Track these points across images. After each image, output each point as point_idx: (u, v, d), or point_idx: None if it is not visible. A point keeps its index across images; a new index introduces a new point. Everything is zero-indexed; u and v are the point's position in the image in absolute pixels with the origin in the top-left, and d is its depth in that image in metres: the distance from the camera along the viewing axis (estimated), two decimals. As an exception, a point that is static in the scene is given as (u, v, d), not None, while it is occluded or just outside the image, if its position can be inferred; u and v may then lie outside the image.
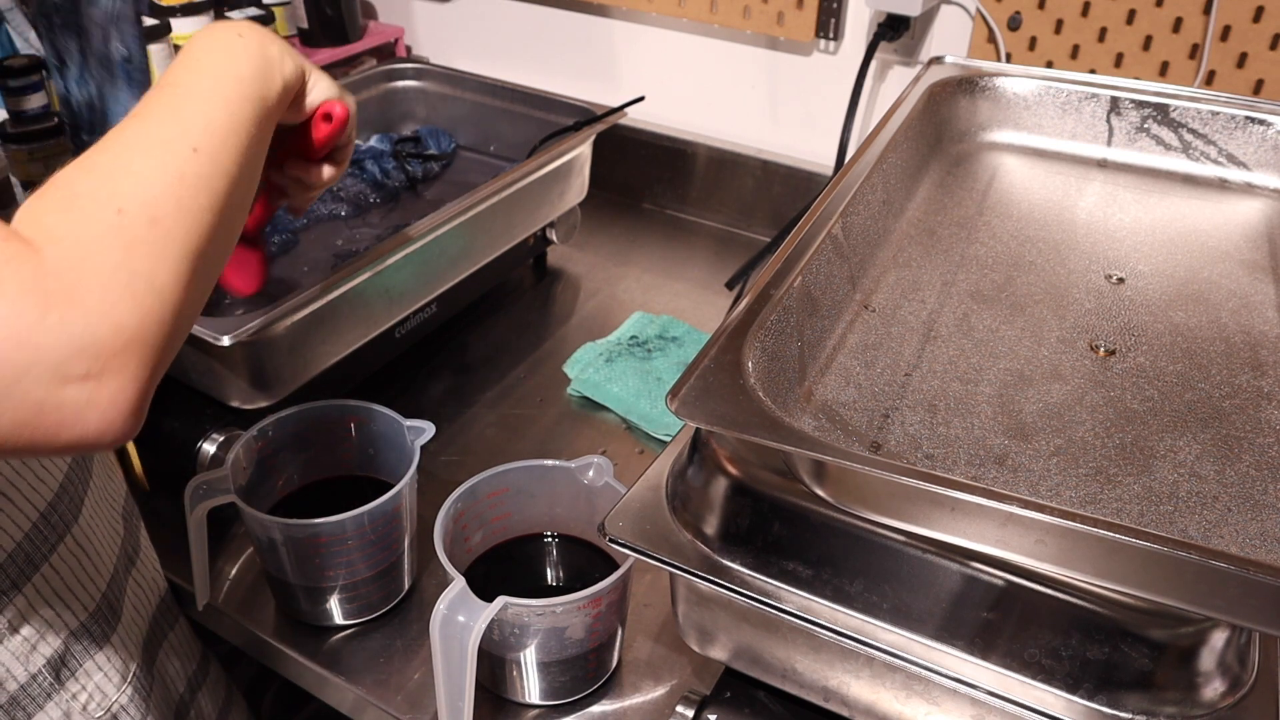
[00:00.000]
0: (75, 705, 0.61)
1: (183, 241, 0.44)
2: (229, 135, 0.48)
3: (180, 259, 0.44)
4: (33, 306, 0.38)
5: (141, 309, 0.41)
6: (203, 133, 0.47)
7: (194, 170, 0.46)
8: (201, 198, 0.45)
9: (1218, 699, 0.47)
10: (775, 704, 0.62)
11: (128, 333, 0.41)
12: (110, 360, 0.40)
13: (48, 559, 0.59)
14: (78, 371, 0.39)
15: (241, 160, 0.49)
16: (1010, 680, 0.48)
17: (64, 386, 0.39)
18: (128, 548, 0.68)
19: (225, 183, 0.47)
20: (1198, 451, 0.54)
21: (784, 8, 1.13)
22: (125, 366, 0.41)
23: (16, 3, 1.16)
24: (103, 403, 0.40)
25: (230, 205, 0.48)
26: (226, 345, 0.72)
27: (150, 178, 0.44)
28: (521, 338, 1.05)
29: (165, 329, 0.43)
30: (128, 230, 0.42)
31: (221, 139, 0.48)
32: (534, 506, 0.71)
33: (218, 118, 0.48)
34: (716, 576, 0.53)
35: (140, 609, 0.69)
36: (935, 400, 0.58)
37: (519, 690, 0.66)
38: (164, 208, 0.44)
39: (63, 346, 0.39)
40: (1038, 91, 0.84)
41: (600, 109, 1.06)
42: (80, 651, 0.62)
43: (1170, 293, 0.68)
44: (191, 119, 0.47)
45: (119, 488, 0.70)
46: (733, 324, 0.55)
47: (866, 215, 0.70)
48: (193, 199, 0.45)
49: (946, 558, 0.48)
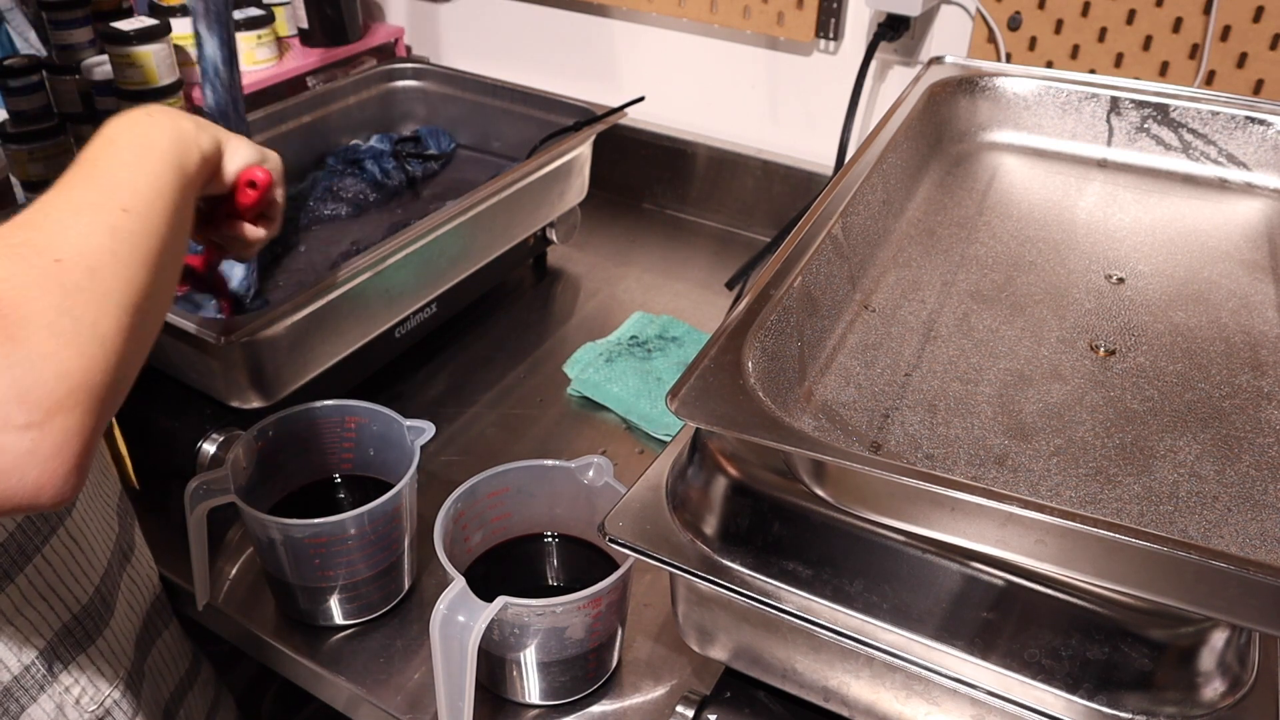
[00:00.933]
0: (68, 699, 0.61)
1: (122, 292, 0.44)
2: (154, 198, 0.49)
3: (120, 309, 0.44)
4: None
5: (85, 356, 0.41)
6: (130, 195, 0.48)
7: (125, 226, 0.46)
8: (136, 253, 0.46)
9: (1218, 699, 0.47)
10: (775, 704, 0.62)
11: (73, 379, 0.40)
12: (53, 408, 0.39)
13: (40, 550, 0.59)
14: (19, 419, 0.38)
15: (169, 222, 0.50)
16: (1010, 680, 0.48)
17: (4, 433, 0.38)
18: (122, 545, 0.68)
19: (156, 241, 0.48)
20: (1198, 451, 0.54)
21: (784, 8, 1.13)
22: (69, 416, 0.40)
23: (16, 3, 1.16)
24: (45, 453, 0.39)
25: (162, 263, 0.48)
26: (226, 345, 0.73)
27: (84, 232, 0.45)
28: (521, 338, 1.05)
29: (109, 379, 0.42)
30: (67, 277, 0.42)
31: (148, 200, 0.49)
32: (534, 506, 0.71)
33: (141, 182, 0.49)
34: (716, 576, 0.53)
35: (134, 607, 0.69)
36: (935, 400, 0.58)
37: (519, 690, 0.66)
38: (101, 259, 0.44)
39: (4, 389, 0.38)
40: (1038, 91, 0.84)
41: (600, 109, 1.06)
42: (73, 645, 0.62)
43: (1170, 293, 0.68)
44: (117, 184, 0.48)
45: (114, 486, 0.70)
46: (733, 324, 0.55)
47: (866, 215, 0.70)
48: (128, 253, 0.46)
49: (946, 558, 0.48)
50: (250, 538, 0.70)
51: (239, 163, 0.61)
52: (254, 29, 1.26)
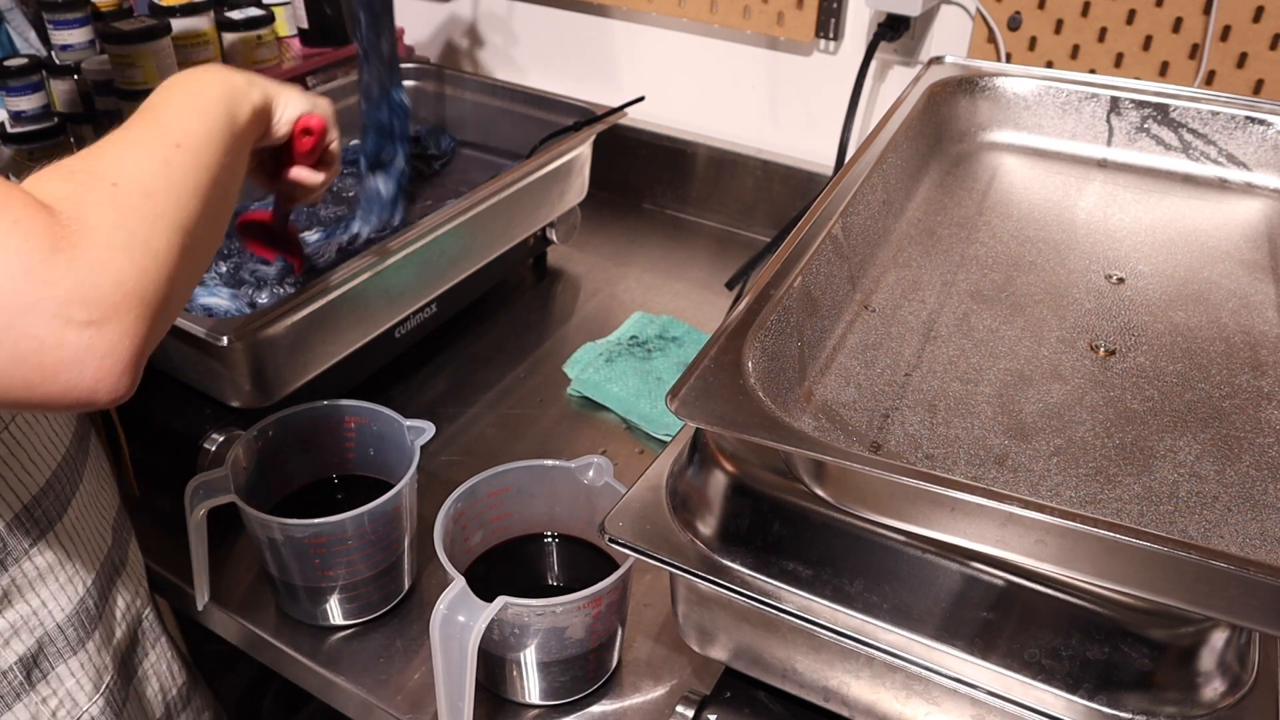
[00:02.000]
0: (45, 710, 0.61)
1: (174, 216, 0.48)
2: (206, 137, 0.53)
3: (171, 229, 0.47)
4: (43, 247, 0.41)
5: (138, 267, 0.44)
6: (182, 134, 0.52)
7: (178, 160, 0.50)
8: (188, 182, 0.50)
9: (1218, 699, 0.47)
10: (775, 704, 0.62)
11: (127, 286, 0.44)
12: (110, 310, 0.43)
13: (27, 554, 0.59)
14: (79, 316, 0.42)
15: (219, 161, 0.53)
16: (1010, 680, 0.48)
17: (65, 328, 0.42)
18: (114, 559, 0.68)
19: (206, 175, 0.52)
20: (1198, 451, 0.54)
21: (784, 8, 1.13)
22: (124, 318, 0.43)
23: (16, 3, 1.16)
24: (101, 349, 0.43)
25: (212, 197, 0.52)
26: (226, 345, 0.73)
27: (139, 162, 0.49)
28: (521, 338, 1.05)
29: (161, 291, 0.46)
30: (123, 199, 0.46)
31: (200, 139, 0.53)
32: (534, 506, 0.71)
33: (194, 124, 0.53)
34: (716, 576, 0.53)
35: (121, 623, 0.69)
36: (935, 400, 0.58)
37: (519, 690, 0.66)
38: (154, 185, 0.48)
39: (67, 288, 0.42)
40: (1038, 91, 0.84)
41: (600, 109, 1.06)
42: (54, 654, 0.62)
43: (1170, 293, 0.68)
44: (171, 124, 0.53)
45: (111, 499, 0.70)
46: (733, 324, 0.55)
47: (866, 215, 0.70)
48: (180, 181, 0.50)
49: (946, 558, 0.48)
50: (250, 538, 0.70)
51: (292, 113, 0.66)
52: (254, 29, 1.26)
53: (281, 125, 0.66)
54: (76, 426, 0.65)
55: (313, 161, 0.70)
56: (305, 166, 0.70)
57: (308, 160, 0.70)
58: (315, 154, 0.69)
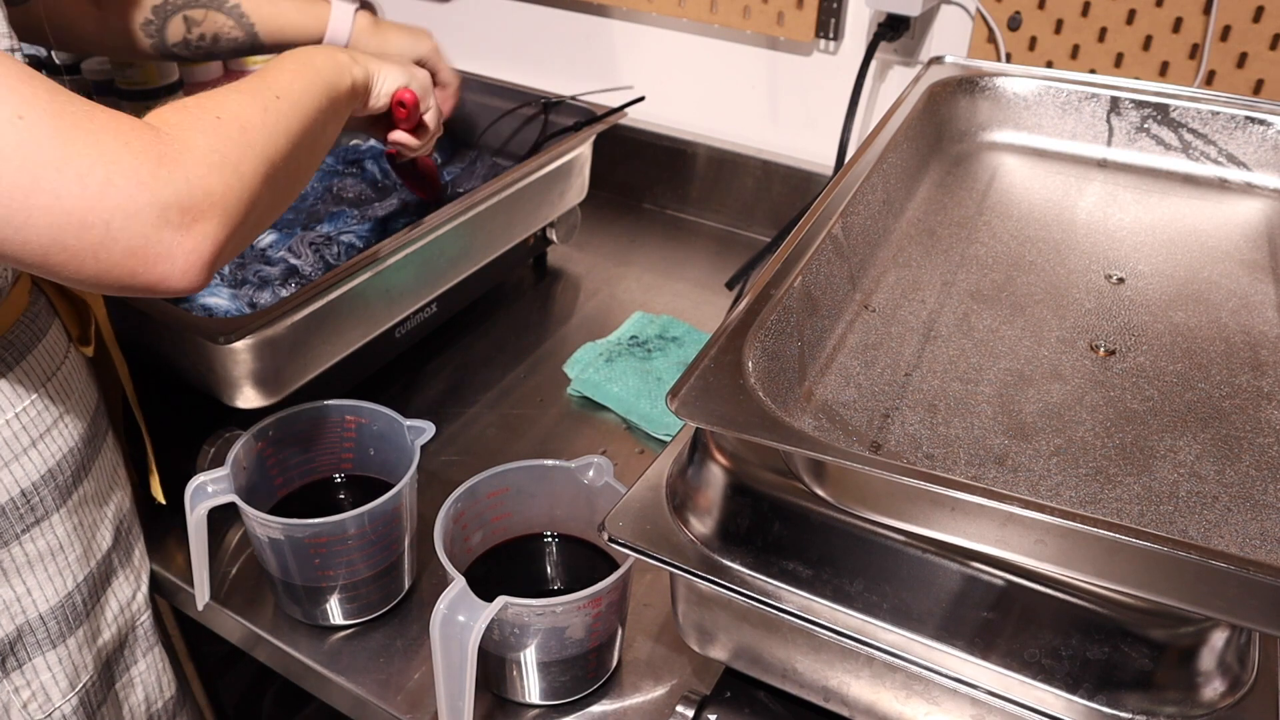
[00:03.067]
0: (16, 700, 0.61)
1: (264, 148, 0.56)
2: (304, 95, 0.62)
3: (260, 160, 0.55)
4: (151, 162, 0.49)
5: (225, 184, 0.52)
6: (283, 89, 0.60)
7: (276, 108, 0.59)
8: (281, 125, 0.58)
9: (1218, 699, 0.47)
10: (775, 704, 0.62)
11: (214, 197, 0.51)
12: (198, 215, 0.50)
13: (18, 539, 0.59)
14: (174, 219, 0.49)
15: (314, 116, 0.62)
16: (1010, 680, 0.48)
17: (163, 229, 0.49)
18: (112, 560, 0.68)
19: (300, 124, 0.60)
20: (1198, 451, 0.54)
21: (784, 8, 1.13)
22: (208, 224, 0.51)
23: (17, 3, 1.16)
24: (188, 246, 0.50)
25: (303, 143, 0.60)
26: (226, 345, 0.73)
27: (242, 103, 0.57)
28: (521, 338, 1.05)
29: (242, 207, 0.53)
30: (222, 130, 0.54)
31: (298, 95, 0.61)
32: (534, 506, 0.71)
33: (296, 84, 0.62)
34: (716, 576, 0.53)
35: (112, 625, 0.68)
36: (935, 400, 0.58)
37: (519, 690, 0.66)
38: (252, 121, 0.56)
39: (168, 195, 0.49)
40: (1038, 91, 0.84)
41: (600, 109, 1.06)
42: (32, 645, 0.62)
43: (1170, 293, 0.68)
44: (275, 81, 0.61)
45: (121, 503, 0.70)
46: (733, 324, 0.55)
47: (866, 215, 0.70)
48: (275, 124, 0.58)
49: (946, 558, 0.48)
50: (250, 538, 0.70)
51: (390, 87, 0.76)
52: (254, 29, 1.25)
53: (380, 98, 0.75)
54: (89, 425, 0.65)
55: (410, 127, 0.82)
56: (404, 131, 0.82)
57: (405, 125, 0.81)
58: (411, 121, 0.81)
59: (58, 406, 0.61)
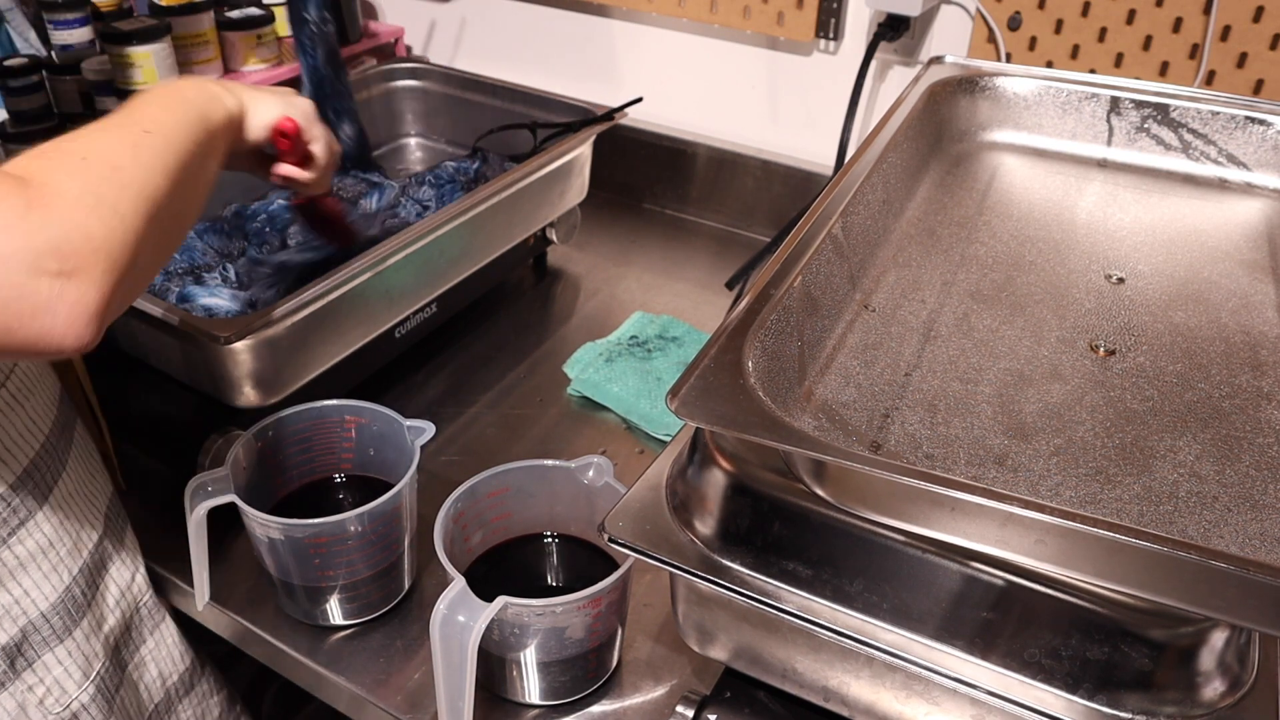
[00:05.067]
0: (32, 698, 0.61)
1: (140, 186, 0.51)
2: (176, 128, 0.57)
3: (139, 198, 0.51)
4: (17, 208, 0.45)
5: (106, 226, 0.48)
6: (152, 123, 0.55)
7: (148, 143, 0.54)
8: (156, 161, 0.53)
9: (1218, 699, 0.47)
10: (775, 704, 0.62)
11: (95, 242, 0.47)
12: (79, 262, 0.47)
13: (5, 542, 0.59)
14: (52, 267, 0.46)
15: (188, 150, 0.57)
16: (1010, 680, 0.48)
17: (39, 277, 0.45)
18: (104, 547, 0.68)
19: (174, 159, 0.55)
20: (1198, 451, 0.54)
21: (784, 8, 1.13)
22: (92, 271, 0.47)
23: (16, 3, 1.16)
24: (71, 297, 0.46)
25: (182, 180, 0.55)
26: (226, 345, 0.73)
27: (109, 142, 0.53)
28: (521, 338, 1.05)
29: (128, 251, 0.49)
30: (92, 170, 0.50)
31: (170, 128, 0.56)
32: (534, 506, 0.71)
33: (165, 117, 0.57)
34: (716, 576, 0.53)
35: (114, 611, 0.69)
36: (935, 400, 0.58)
37: (519, 690, 0.66)
38: (122, 160, 0.52)
39: (40, 242, 0.45)
40: (1038, 91, 0.84)
41: (600, 109, 1.06)
42: (39, 642, 0.62)
43: (1170, 293, 0.68)
44: (143, 116, 0.56)
45: (103, 488, 0.70)
46: (733, 324, 0.55)
47: (866, 215, 0.70)
48: (149, 160, 0.53)
49: (946, 558, 0.48)
50: (250, 538, 0.70)
51: (265, 118, 0.69)
52: (254, 29, 1.26)
53: (256, 129, 0.69)
54: (57, 415, 0.65)
55: (296, 160, 0.74)
56: (290, 164, 0.75)
57: (291, 159, 0.74)
58: (297, 153, 0.74)
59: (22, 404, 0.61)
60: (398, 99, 1.21)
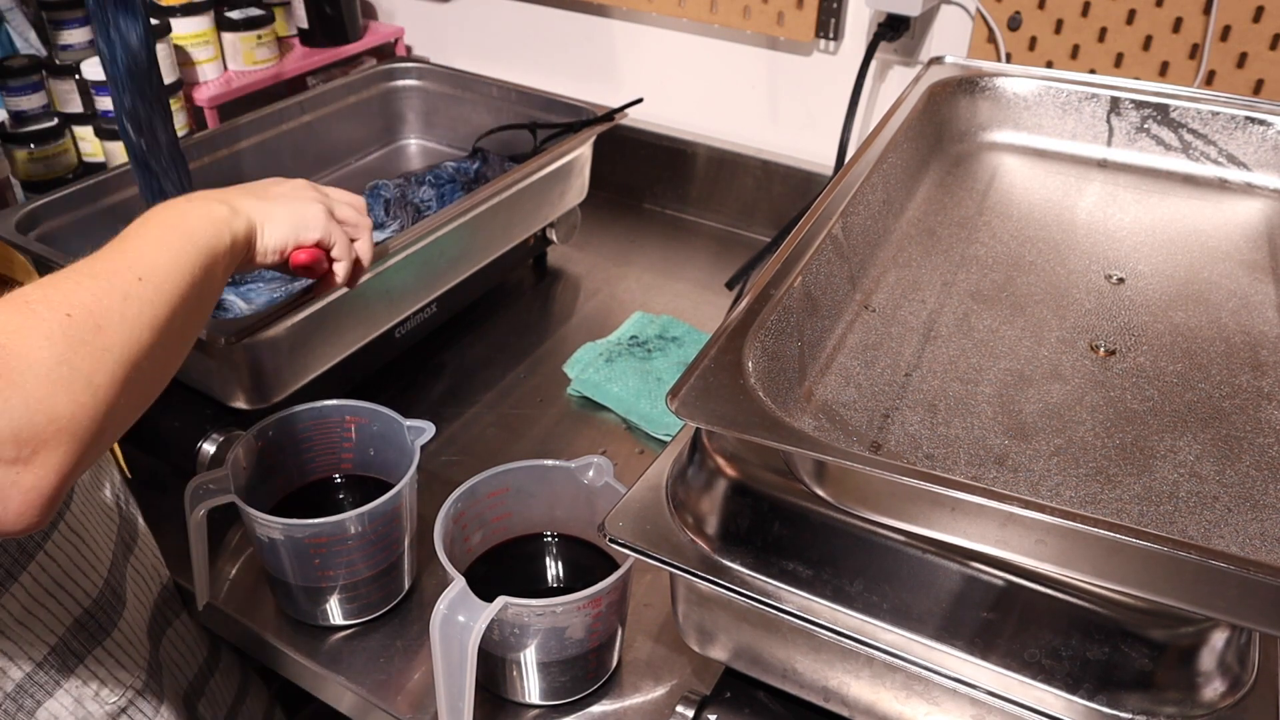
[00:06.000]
0: (87, 692, 0.62)
1: (122, 350, 0.48)
2: (172, 271, 0.52)
3: (118, 365, 0.47)
4: None
5: (76, 402, 0.44)
6: (147, 268, 0.51)
7: (138, 293, 0.50)
8: (144, 316, 0.49)
9: (1218, 699, 0.47)
10: (775, 704, 0.62)
11: (60, 422, 0.44)
12: (39, 445, 0.43)
13: (41, 547, 0.59)
14: (7, 454, 0.42)
15: (184, 295, 0.53)
16: (1010, 680, 0.48)
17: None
18: (124, 535, 0.68)
19: (166, 310, 0.51)
20: (1198, 451, 0.54)
21: (784, 8, 1.13)
22: (52, 454, 0.43)
23: (16, 3, 1.16)
24: (26, 484, 0.43)
25: (170, 330, 0.51)
26: (226, 345, 0.73)
27: (97, 294, 0.48)
28: (521, 338, 1.05)
29: (95, 426, 0.46)
30: (73, 331, 0.46)
31: (165, 273, 0.52)
32: (534, 506, 0.71)
33: (162, 258, 0.52)
34: (716, 576, 0.53)
35: (141, 597, 0.69)
36: (935, 400, 0.58)
37: (519, 690, 0.66)
38: (109, 318, 0.48)
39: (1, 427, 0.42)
40: (1038, 91, 0.84)
41: (600, 109, 1.06)
42: (88, 639, 0.62)
43: (1170, 293, 0.68)
44: (138, 258, 0.52)
45: (112, 475, 0.70)
46: (733, 324, 0.55)
47: (866, 215, 0.70)
48: (136, 316, 0.49)
49: (946, 558, 0.48)
50: (250, 538, 0.70)
51: (277, 241, 0.63)
52: (254, 29, 1.26)
53: (266, 254, 0.63)
54: None
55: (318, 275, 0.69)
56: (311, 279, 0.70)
57: (310, 275, 0.68)
58: (317, 272, 0.68)
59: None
60: (398, 99, 1.21)
